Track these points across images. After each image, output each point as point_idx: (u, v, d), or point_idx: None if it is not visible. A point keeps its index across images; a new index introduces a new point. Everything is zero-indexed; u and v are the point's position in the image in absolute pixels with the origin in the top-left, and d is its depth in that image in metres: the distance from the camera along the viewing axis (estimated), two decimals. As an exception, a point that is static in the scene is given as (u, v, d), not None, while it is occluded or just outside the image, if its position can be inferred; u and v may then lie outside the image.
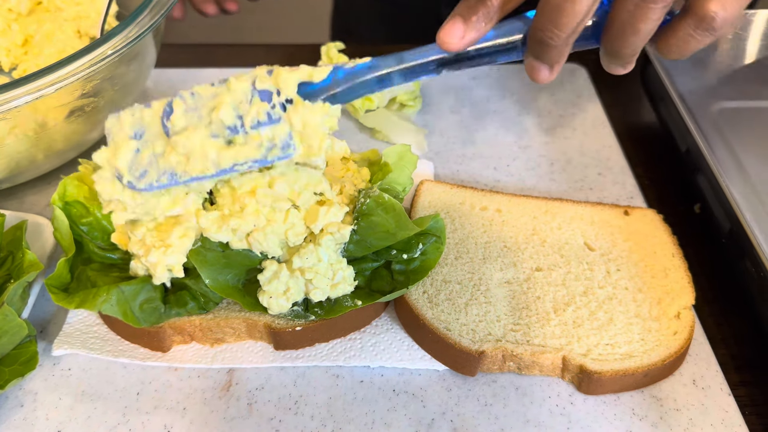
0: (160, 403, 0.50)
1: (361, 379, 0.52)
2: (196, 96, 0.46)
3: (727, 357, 0.55)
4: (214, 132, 0.45)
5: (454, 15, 0.43)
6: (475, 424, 0.49)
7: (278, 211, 0.50)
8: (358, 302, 0.51)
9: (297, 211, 0.51)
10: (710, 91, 0.67)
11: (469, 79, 0.82)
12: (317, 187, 0.51)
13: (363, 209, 0.52)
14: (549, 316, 0.53)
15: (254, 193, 0.50)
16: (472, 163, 0.71)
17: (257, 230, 0.50)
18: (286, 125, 0.45)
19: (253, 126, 0.45)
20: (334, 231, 0.51)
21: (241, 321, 0.52)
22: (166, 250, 0.49)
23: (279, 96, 0.45)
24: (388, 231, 0.51)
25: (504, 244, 0.58)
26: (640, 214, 0.62)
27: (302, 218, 0.51)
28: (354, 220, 0.52)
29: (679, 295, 0.54)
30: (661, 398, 0.51)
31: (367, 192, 0.53)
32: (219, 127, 0.45)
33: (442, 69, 0.45)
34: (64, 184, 0.53)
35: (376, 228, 0.51)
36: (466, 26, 0.43)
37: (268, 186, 0.50)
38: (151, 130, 0.46)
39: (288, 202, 0.51)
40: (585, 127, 0.76)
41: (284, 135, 0.45)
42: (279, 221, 0.50)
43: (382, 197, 0.51)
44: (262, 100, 0.45)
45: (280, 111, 0.45)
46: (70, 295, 0.49)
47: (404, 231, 0.51)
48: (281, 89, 0.45)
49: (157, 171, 0.46)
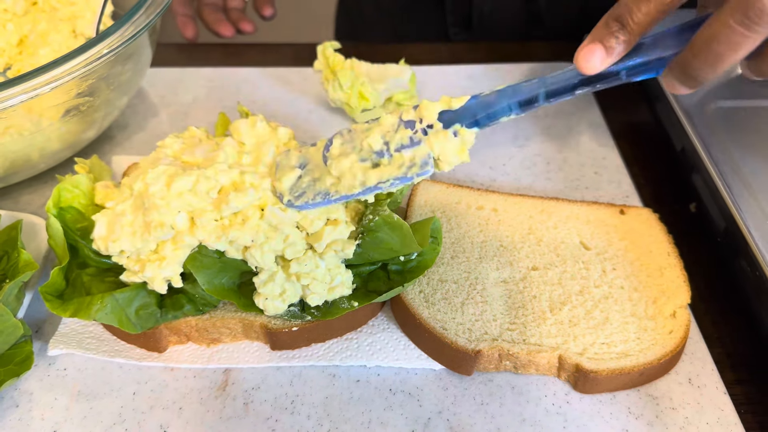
0: (156, 403, 0.50)
1: (357, 378, 0.52)
2: (352, 132, 0.52)
3: (722, 355, 0.55)
4: (363, 156, 0.51)
5: (593, 39, 0.43)
6: (472, 423, 0.49)
7: (280, 231, 0.50)
8: (354, 303, 0.51)
9: (300, 231, 0.51)
10: (705, 90, 0.68)
11: (465, 78, 0.82)
12: (332, 214, 0.52)
13: (370, 225, 0.52)
14: (545, 315, 0.53)
15: (262, 210, 0.50)
16: (468, 162, 0.71)
17: (255, 246, 0.50)
18: (426, 146, 0.49)
19: (397, 149, 0.50)
20: (339, 249, 0.51)
21: (237, 321, 0.52)
22: (161, 264, 0.49)
23: (421, 123, 0.49)
24: (391, 248, 0.52)
25: (500, 244, 0.58)
26: (636, 213, 0.62)
27: (304, 238, 0.51)
28: (358, 234, 0.52)
29: (674, 294, 0.54)
30: (657, 397, 0.51)
31: (376, 209, 0.53)
32: (368, 152, 0.50)
33: (578, 89, 0.47)
34: (59, 190, 0.52)
35: (380, 244, 0.52)
36: (606, 52, 0.43)
37: (280, 209, 0.51)
38: (313, 161, 0.53)
39: (293, 227, 0.51)
40: (581, 127, 0.76)
41: (424, 154, 0.49)
42: (279, 240, 0.50)
43: (391, 217, 0.51)
44: (406, 128, 0.50)
45: (421, 135, 0.50)
46: (64, 303, 0.49)
47: (407, 249, 0.51)
48: (423, 118, 0.49)
49: (313, 192, 0.51)
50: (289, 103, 0.78)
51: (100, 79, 0.58)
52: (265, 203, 0.51)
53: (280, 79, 0.82)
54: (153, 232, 0.48)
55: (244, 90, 0.80)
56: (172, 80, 0.81)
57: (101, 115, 0.64)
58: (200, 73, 0.83)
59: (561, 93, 0.47)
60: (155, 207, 0.49)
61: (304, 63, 0.84)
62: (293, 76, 0.82)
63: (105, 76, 0.59)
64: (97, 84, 0.59)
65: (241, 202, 0.50)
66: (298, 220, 0.51)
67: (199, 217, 0.50)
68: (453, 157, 0.49)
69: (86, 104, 0.60)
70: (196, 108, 0.78)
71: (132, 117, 0.76)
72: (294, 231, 0.51)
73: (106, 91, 0.61)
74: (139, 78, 0.70)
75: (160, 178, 0.50)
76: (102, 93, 0.61)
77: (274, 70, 0.83)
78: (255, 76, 0.82)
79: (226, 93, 0.80)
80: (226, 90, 0.80)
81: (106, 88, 0.61)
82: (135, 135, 0.74)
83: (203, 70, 0.83)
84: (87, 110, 0.61)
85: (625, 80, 0.46)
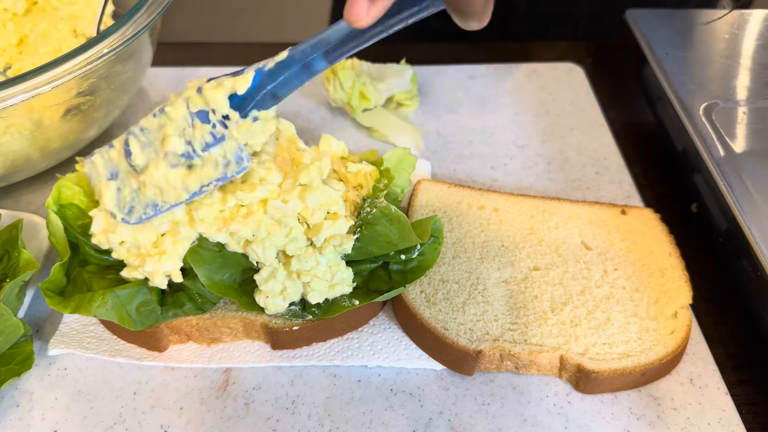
0: (157, 403, 0.50)
1: (358, 378, 0.52)
2: (145, 131, 0.48)
3: (724, 356, 0.55)
4: (173, 162, 0.47)
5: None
6: (473, 423, 0.49)
7: (283, 225, 0.50)
8: (355, 302, 0.51)
9: (301, 225, 0.51)
10: (707, 90, 0.68)
11: (466, 78, 0.82)
12: (332, 207, 0.51)
13: (368, 218, 0.52)
14: (546, 316, 0.53)
15: (265, 204, 0.50)
16: (469, 163, 0.71)
17: (256, 241, 0.50)
18: (232, 140, 0.46)
19: (203, 149, 0.47)
20: (337, 244, 0.51)
21: (238, 321, 0.52)
22: (160, 258, 0.49)
23: (215, 114, 0.46)
24: (390, 241, 0.51)
25: (501, 244, 0.58)
26: (637, 213, 0.62)
27: (304, 232, 0.51)
28: (357, 228, 0.52)
29: (676, 294, 0.54)
30: (658, 397, 0.51)
31: (374, 202, 0.53)
32: (174, 157, 0.47)
33: (356, 42, 0.44)
34: (59, 187, 0.52)
35: (379, 238, 0.51)
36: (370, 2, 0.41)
37: (282, 201, 0.50)
38: (122, 169, 0.49)
39: (295, 219, 0.51)
40: (582, 127, 0.76)
41: (234, 149, 0.46)
42: (281, 235, 0.50)
43: (389, 208, 0.51)
44: (202, 122, 0.46)
45: (221, 129, 0.46)
46: (65, 300, 0.49)
47: (406, 242, 0.51)
48: (215, 108, 0.46)
49: (141, 205, 0.49)
50: (289, 103, 0.78)
51: (101, 78, 0.58)
52: (267, 197, 0.50)
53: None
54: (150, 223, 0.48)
55: (245, 89, 0.80)
56: (173, 79, 0.81)
57: (102, 114, 0.64)
58: (200, 72, 0.83)
59: (338, 50, 0.44)
60: None
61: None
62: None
63: (105, 76, 0.59)
64: (98, 83, 0.58)
65: (248, 198, 0.49)
66: (300, 211, 0.51)
67: (196, 210, 0.49)
68: (262, 138, 0.47)
69: (87, 103, 0.59)
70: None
71: (133, 116, 0.76)
72: (296, 225, 0.50)
73: (107, 90, 0.61)
74: (140, 77, 0.70)
75: None
76: (103, 92, 0.61)
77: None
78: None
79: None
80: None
81: (107, 88, 0.61)
82: (135, 134, 0.73)
83: (204, 69, 0.83)
84: (88, 109, 0.60)
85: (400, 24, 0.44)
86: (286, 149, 0.55)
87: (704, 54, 0.73)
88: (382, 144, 0.72)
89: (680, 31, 0.76)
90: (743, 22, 0.78)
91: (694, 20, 0.78)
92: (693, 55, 0.73)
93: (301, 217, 0.51)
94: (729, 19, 0.78)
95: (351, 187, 0.55)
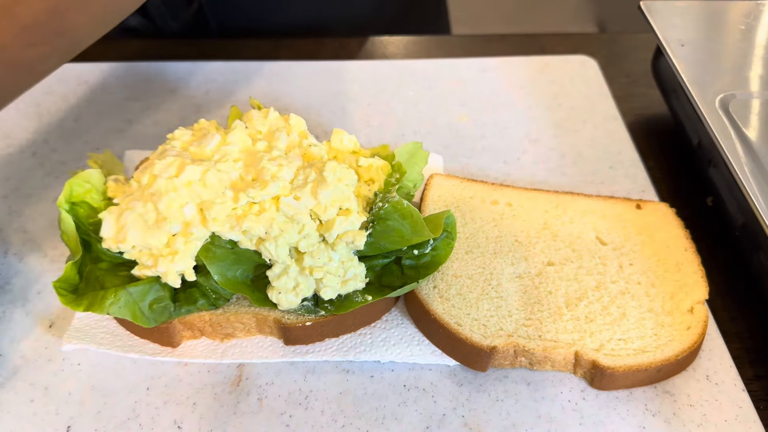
0: (170, 398, 0.50)
1: (371, 374, 0.52)
2: None
3: (741, 351, 0.54)
4: None
5: None
6: (487, 419, 0.49)
7: (295, 222, 0.50)
8: (368, 297, 0.51)
9: (313, 221, 0.51)
10: (723, 82, 0.67)
11: (478, 71, 0.82)
12: (345, 203, 0.51)
13: (380, 213, 0.51)
14: (561, 311, 0.52)
15: (277, 201, 0.49)
16: (481, 157, 0.70)
17: (268, 239, 0.49)
18: None
19: None
20: (350, 240, 0.50)
21: (250, 316, 0.52)
22: (173, 258, 0.49)
23: None
24: (403, 236, 0.51)
25: (515, 238, 0.58)
26: (653, 207, 0.61)
27: (317, 228, 0.51)
28: (369, 223, 0.52)
29: (692, 289, 0.54)
30: (674, 394, 0.50)
31: (386, 196, 0.52)
32: None
33: None
34: (70, 185, 0.52)
35: (391, 233, 0.51)
36: None
37: (294, 198, 0.50)
38: None
39: (308, 216, 0.50)
40: (596, 120, 0.75)
41: None
42: (293, 232, 0.50)
43: (401, 203, 0.51)
44: None
45: None
46: (78, 298, 0.49)
47: (419, 236, 0.51)
48: None
49: None
50: (301, 97, 0.78)
51: None
52: (279, 194, 0.50)
53: (291, 73, 0.81)
54: (161, 226, 0.48)
55: (256, 84, 0.80)
56: (184, 74, 0.81)
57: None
58: (212, 66, 0.82)
59: None
60: (162, 196, 0.49)
61: (316, 57, 0.84)
62: (305, 71, 0.82)
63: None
64: None
65: (260, 195, 0.49)
66: (312, 207, 0.50)
67: (208, 209, 0.49)
68: None
69: None
70: (209, 102, 0.77)
71: (144, 111, 0.76)
72: (309, 221, 0.50)
73: None
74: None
75: (167, 169, 0.50)
76: None
77: (286, 64, 0.82)
78: (267, 70, 0.82)
79: (238, 87, 0.80)
80: (238, 84, 0.80)
81: None
82: (147, 129, 0.73)
83: (215, 63, 0.83)
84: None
85: None
86: (298, 144, 0.55)
87: (719, 45, 0.72)
88: (394, 138, 0.72)
89: (695, 22, 0.75)
90: (758, 13, 0.76)
91: (709, 11, 0.77)
92: (708, 46, 0.72)
93: (314, 214, 0.51)
94: (744, 10, 0.76)
95: (363, 182, 0.55)
